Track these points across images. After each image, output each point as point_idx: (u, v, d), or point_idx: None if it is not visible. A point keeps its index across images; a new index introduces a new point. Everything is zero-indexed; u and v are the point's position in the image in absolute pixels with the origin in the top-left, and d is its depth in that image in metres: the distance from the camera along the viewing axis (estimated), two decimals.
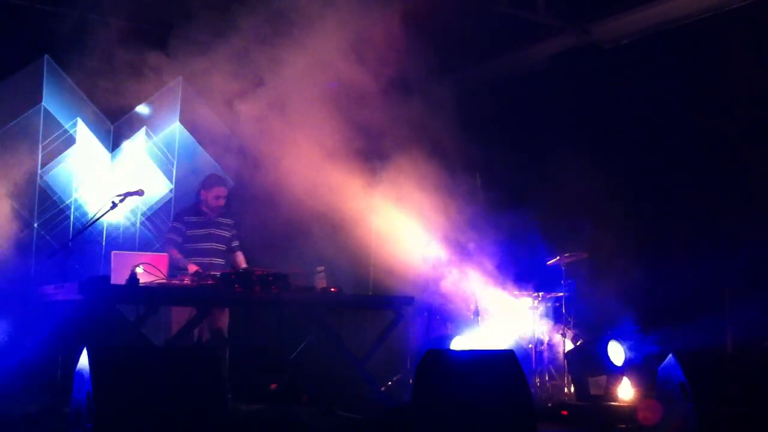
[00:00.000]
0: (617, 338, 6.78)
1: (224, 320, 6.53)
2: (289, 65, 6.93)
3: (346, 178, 7.17)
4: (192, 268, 6.13)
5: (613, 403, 6.46)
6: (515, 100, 8.60)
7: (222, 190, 6.61)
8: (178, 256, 6.40)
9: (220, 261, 6.60)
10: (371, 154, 7.46)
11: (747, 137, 6.92)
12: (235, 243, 6.78)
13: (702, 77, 7.23)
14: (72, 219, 7.68)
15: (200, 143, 8.11)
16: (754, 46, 6.85)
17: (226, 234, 6.70)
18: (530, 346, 7.16)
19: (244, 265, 6.61)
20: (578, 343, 7.12)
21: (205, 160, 8.13)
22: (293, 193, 7.01)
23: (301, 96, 7.06)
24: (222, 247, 6.65)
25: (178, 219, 6.65)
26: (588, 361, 6.80)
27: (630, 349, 6.75)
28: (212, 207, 6.60)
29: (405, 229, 7.35)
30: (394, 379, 7.19)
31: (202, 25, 7.09)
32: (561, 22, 8.24)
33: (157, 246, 7.86)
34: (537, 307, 7.24)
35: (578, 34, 8.22)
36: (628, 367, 6.69)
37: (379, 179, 7.35)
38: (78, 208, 7.74)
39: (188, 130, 8.10)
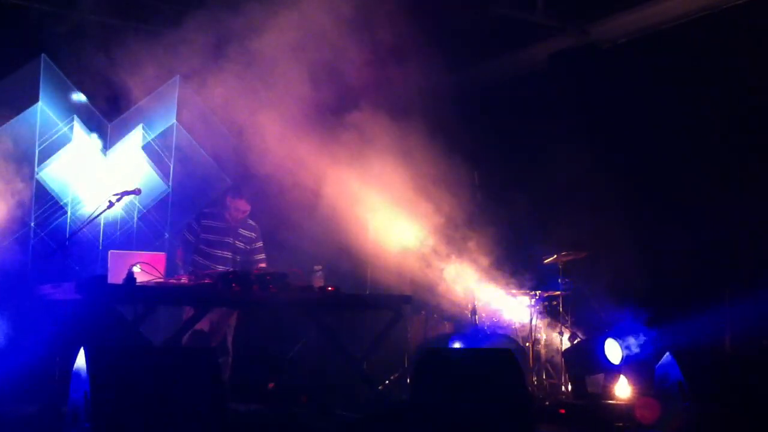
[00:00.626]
0: (614, 336, 6.79)
1: (233, 319, 6.53)
2: (289, 65, 6.92)
3: (343, 175, 7.17)
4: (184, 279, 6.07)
5: (610, 402, 6.46)
6: (514, 100, 8.61)
7: (244, 204, 6.49)
8: (180, 260, 6.38)
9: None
10: (371, 154, 7.45)
11: (746, 136, 6.92)
12: (260, 256, 6.63)
13: (700, 76, 7.24)
14: (69, 218, 7.67)
15: (197, 142, 8.10)
16: (752, 45, 6.86)
17: (244, 246, 6.59)
18: (528, 344, 7.16)
19: None
20: (576, 342, 7.13)
21: (203, 158, 8.13)
22: (292, 193, 7.01)
23: (299, 95, 7.05)
24: (237, 257, 6.54)
25: (197, 219, 6.58)
26: (585, 359, 6.82)
27: (627, 347, 6.76)
28: (233, 216, 6.55)
29: (403, 227, 7.35)
30: (393, 378, 7.19)
31: (197, 21, 7.08)
32: (560, 22, 8.25)
33: (157, 243, 7.86)
34: (534, 306, 7.24)
35: (577, 34, 8.23)
36: (626, 366, 6.69)
37: (378, 178, 7.34)
38: (75, 206, 7.73)
39: (185, 129, 8.10)
